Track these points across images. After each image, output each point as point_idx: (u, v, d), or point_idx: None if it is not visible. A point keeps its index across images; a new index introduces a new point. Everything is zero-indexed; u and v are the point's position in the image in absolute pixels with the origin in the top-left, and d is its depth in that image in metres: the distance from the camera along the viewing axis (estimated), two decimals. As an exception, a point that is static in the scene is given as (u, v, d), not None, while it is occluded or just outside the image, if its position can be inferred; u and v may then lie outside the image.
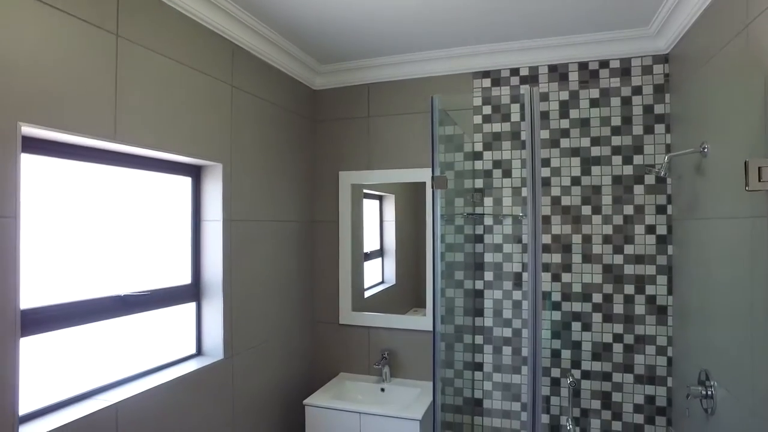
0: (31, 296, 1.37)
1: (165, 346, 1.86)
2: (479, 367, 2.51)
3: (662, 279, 2.27)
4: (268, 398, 2.31)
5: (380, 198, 2.92)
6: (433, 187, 1.56)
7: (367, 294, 2.81)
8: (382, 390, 2.52)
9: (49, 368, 1.44)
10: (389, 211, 2.93)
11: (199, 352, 2.00)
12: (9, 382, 1.20)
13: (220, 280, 1.98)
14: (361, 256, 2.77)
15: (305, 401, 2.30)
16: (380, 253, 2.94)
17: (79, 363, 1.53)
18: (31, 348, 1.37)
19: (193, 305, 1.99)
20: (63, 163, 1.48)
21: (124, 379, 1.65)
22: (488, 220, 2.49)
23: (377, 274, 2.91)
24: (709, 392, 1.75)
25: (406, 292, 2.84)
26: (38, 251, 1.41)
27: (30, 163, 1.37)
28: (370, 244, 2.83)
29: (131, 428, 1.53)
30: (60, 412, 1.39)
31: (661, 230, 2.27)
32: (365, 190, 2.77)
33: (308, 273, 2.74)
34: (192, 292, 1.97)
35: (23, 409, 1.34)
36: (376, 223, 2.93)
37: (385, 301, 2.82)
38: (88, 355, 1.56)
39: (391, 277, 2.91)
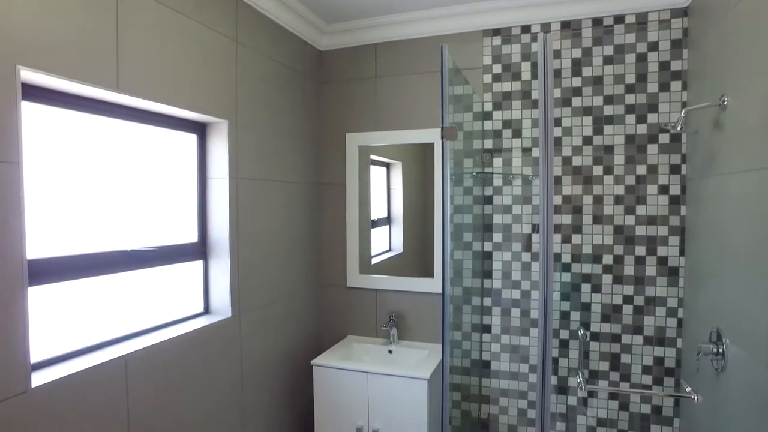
0: (37, 247, 1.36)
1: (173, 303, 1.87)
2: (487, 329, 2.50)
3: (674, 240, 2.24)
4: (276, 357, 2.32)
5: (387, 166, 2.89)
6: (442, 138, 1.52)
7: (374, 261, 2.80)
8: (390, 352, 2.52)
9: (58, 320, 1.44)
10: (396, 179, 2.89)
11: (207, 310, 2.01)
12: (19, 330, 1.20)
13: (227, 239, 1.97)
14: (368, 220, 2.75)
15: (313, 361, 2.31)
16: (387, 221, 2.92)
17: (88, 316, 1.53)
18: (40, 299, 1.37)
19: (200, 263, 1.98)
20: (68, 114, 1.45)
21: (132, 334, 1.65)
22: (497, 181, 2.46)
23: (384, 242, 2.89)
24: (721, 350, 1.74)
25: (414, 261, 2.82)
26: (43, 203, 1.39)
27: (34, 113, 1.35)
28: (377, 211, 2.81)
29: (140, 379, 1.54)
30: (70, 362, 1.40)
31: (675, 190, 2.22)
32: (372, 157, 2.73)
33: (315, 235, 2.73)
34: (199, 250, 1.97)
35: (35, 358, 1.34)
36: (384, 191, 2.90)
37: (393, 269, 2.80)
38: (96, 309, 1.56)
39: (398, 246, 2.89)
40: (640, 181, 2.27)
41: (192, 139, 1.95)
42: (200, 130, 1.97)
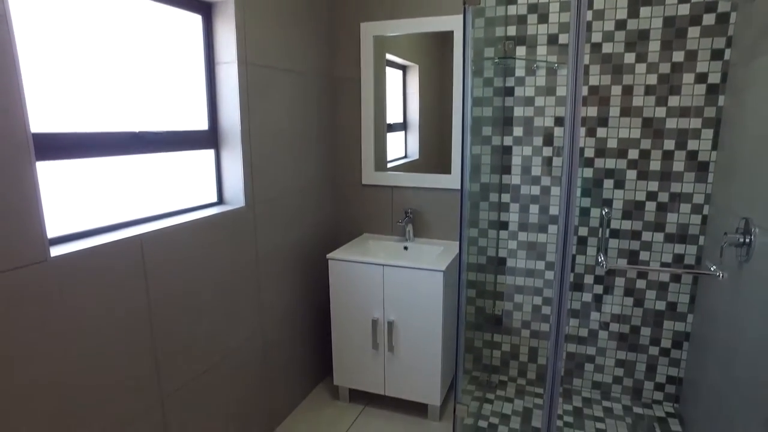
0: (42, 121, 1.32)
1: (186, 191, 1.85)
2: (504, 225, 2.48)
3: (707, 133, 2.12)
4: (291, 250, 2.34)
5: (404, 69, 2.73)
6: (464, 3, 1.39)
7: (389, 166, 2.74)
8: (405, 248, 2.53)
9: (72, 200, 1.44)
10: (413, 83, 2.75)
11: (221, 200, 2.00)
12: (32, 201, 1.19)
13: (238, 127, 1.91)
14: (383, 118, 2.65)
15: (328, 255, 2.32)
16: (403, 126, 2.81)
17: (101, 199, 1.52)
18: (50, 176, 1.35)
19: (211, 153, 1.95)
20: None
21: (146, 218, 1.65)
22: (520, 72, 2.31)
23: (400, 149, 2.81)
24: (747, 240, 1.68)
25: (430, 168, 2.75)
26: (45, 76, 1.33)
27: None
28: (393, 116, 2.70)
29: (157, 259, 1.55)
30: (87, 240, 1.41)
31: (714, 78, 2.06)
32: (388, 57, 2.58)
33: (329, 132, 2.65)
34: (210, 139, 1.92)
35: (52, 234, 1.35)
36: (399, 96, 2.77)
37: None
38: (109, 193, 1.55)
39: (414, 152, 2.81)
40: (675, 69, 2.11)
41: (197, 19, 1.84)
42: (205, 10, 1.85)
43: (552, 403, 1.57)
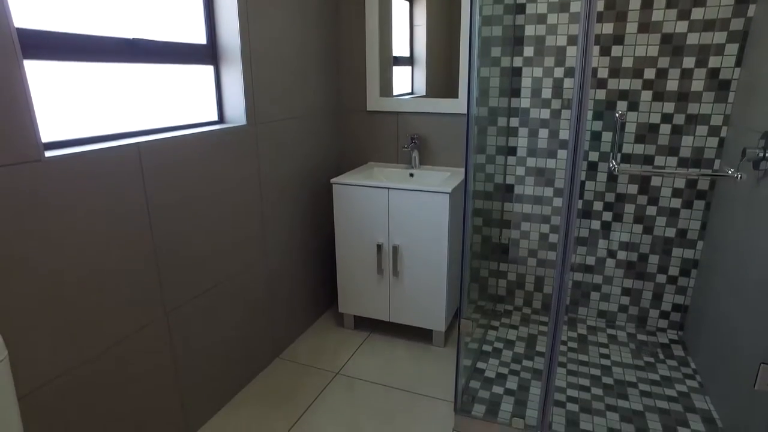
0: (27, 18, 1.27)
1: (185, 108, 1.81)
2: (512, 151, 2.41)
3: (732, 48, 2.00)
4: (294, 176, 2.30)
5: (411, 0, 2.60)
6: None
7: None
8: (411, 175, 2.49)
9: (65, 106, 1.40)
10: (420, 15, 2.62)
11: (221, 119, 1.95)
12: (22, 99, 1.15)
13: (238, 43, 1.84)
14: (389, 42, 2.54)
15: (332, 180, 2.29)
16: (410, 61, 2.71)
17: (95, 108, 1.49)
18: (43, 80, 1.31)
19: (210, 69, 1.89)
20: None
21: (143, 131, 1.61)
22: (533, -14, 2.19)
23: (407, 84, 2.72)
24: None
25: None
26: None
27: None
28: (399, 50, 2.60)
29: (155, 169, 1.53)
30: (82, 147, 1.38)
31: (741, -14, 1.93)
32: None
33: (333, 55, 2.56)
34: (208, 54, 1.85)
35: (46, 138, 1.33)
36: (406, 29, 2.65)
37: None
38: (104, 103, 1.51)
39: (421, 88, 2.71)
40: (700, -22, 1.98)
41: (188, -77, 1.74)
42: None
43: (557, 323, 1.56)
